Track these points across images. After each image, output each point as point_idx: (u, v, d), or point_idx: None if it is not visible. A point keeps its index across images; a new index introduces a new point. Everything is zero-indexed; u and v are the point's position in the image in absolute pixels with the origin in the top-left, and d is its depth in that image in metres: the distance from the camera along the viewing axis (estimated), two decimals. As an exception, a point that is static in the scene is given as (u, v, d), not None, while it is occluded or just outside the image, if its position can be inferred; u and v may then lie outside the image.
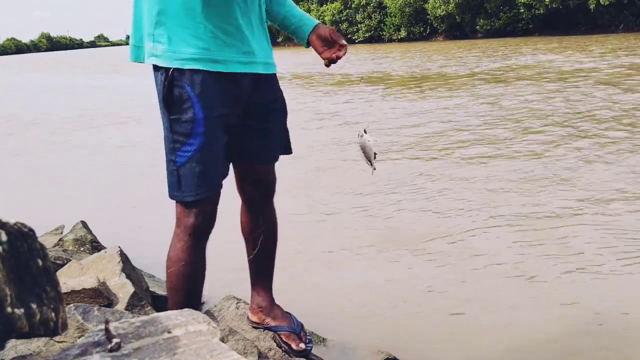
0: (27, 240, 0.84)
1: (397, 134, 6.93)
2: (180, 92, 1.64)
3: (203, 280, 1.84)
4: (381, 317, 2.62)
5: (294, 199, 4.34)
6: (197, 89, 1.64)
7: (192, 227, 1.72)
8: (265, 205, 2.01)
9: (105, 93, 15.24)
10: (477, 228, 3.62)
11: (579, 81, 10.76)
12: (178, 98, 1.64)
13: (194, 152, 1.65)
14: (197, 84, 1.64)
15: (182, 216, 1.73)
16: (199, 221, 1.72)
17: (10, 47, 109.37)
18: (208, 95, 1.65)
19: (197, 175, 1.66)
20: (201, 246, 1.78)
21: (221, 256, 3.02)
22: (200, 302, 1.90)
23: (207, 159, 1.67)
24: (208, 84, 1.65)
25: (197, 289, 1.83)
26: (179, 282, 1.77)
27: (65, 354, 0.91)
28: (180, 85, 1.64)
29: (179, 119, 1.65)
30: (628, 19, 31.03)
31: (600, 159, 5.16)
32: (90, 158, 6.87)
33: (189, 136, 1.64)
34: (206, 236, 1.78)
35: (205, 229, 1.75)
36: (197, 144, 1.65)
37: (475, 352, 2.31)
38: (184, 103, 1.64)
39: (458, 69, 15.21)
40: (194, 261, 1.76)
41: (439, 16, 37.57)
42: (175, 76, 1.64)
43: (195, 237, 1.74)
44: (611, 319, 2.49)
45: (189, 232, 1.73)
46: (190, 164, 1.66)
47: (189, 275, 1.77)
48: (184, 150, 1.66)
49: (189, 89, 1.63)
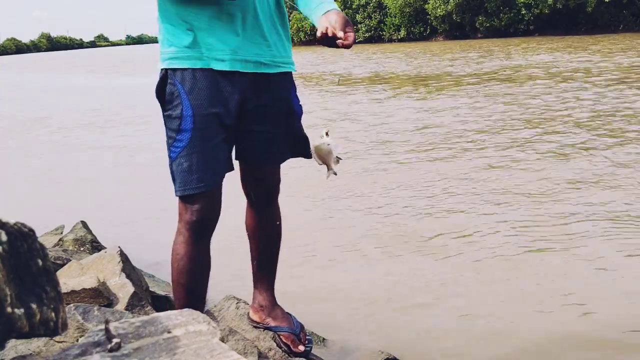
0: (27, 240, 0.84)
1: (406, 134, 6.93)
2: (171, 89, 1.70)
3: (205, 276, 1.85)
4: (381, 317, 2.62)
5: (296, 199, 4.35)
6: (187, 86, 1.69)
7: (190, 222, 1.74)
8: (268, 205, 2.01)
9: (105, 93, 15.24)
10: (480, 228, 3.62)
11: (597, 80, 10.58)
12: (170, 95, 1.71)
13: (183, 148, 1.69)
14: (187, 81, 1.69)
15: (182, 211, 1.76)
16: (196, 216, 1.73)
17: (10, 47, 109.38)
18: (199, 92, 1.69)
19: (185, 171, 1.70)
20: (202, 242, 1.79)
21: (221, 256, 3.02)
22: (204, 298, 1.88)
23: (195, 155, 1.69)
24: (199, 81, 1.69)
25: (198, 285, 1.83)
26: (179, 276, 1.79)
27: (65, 354, 0.91)
28: (172, 82, 1.70)
29: (170, 115, 1.71)
30: (628, 19, 31.04)
31: (618, 163, 5.15)
32: (90, 158, 6.87)
33: (178, 132, 1.69)
34: (206, 232, 1.79)
35: (204, 224, 1.76)
36: (186, 140, 1.69)
37: (475, 352, 2.31)
38: (174, 100, 1.69)
39: (468, 69, 15.15)
40: (194, 256, 1.77)
41: (439, 16, 37.56)
42: (169, 74, 1.71)
43: (194, 232, 1.75)
44: (621, 323, 2.48)
45: (187, 227, 1.75)
46: (179, 160, 1.70)
47: (189, 269, 1.78)
48: (175, 146, 1.71)
49: (180, 86, 1.69)
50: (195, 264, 1.79)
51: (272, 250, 2.08)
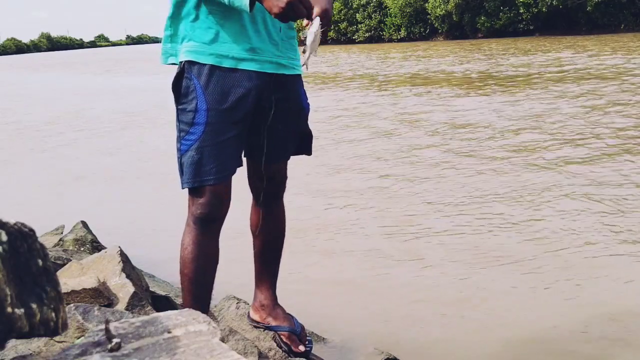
0: (27, 240, 0.84)
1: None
2: (187, 83, 1.72)
3: (212, 269, 1.86)
4: (382, 317, 2.62)
5: (299, 196, 4.34)
6: (203, 80, 1.71)
7: (197, 215, 1.77)
8: (274, 203, 2.03)
9: (106, 93, 15.23)
10: (482, 229, 3.62)
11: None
12: (185, 89, 1.72)
13: (194, 141, 1.72)
14: (204, 76, 1.71)
15: (190, 203, 1.79)
16: (203, 209, 1.76)
17: (10, 47, 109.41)
18: (214, 88, 1.71)
19: (195, 164, 1.72)
20: (209, 234, 1.81)
21: (222, 255, 3.02)
22: (208, 293, 1.88)
23: (207, 149, 1.72)
24: (215, 77, 1.71)
25: (204, 278, 1.85)
26: (185, 267, 1.81)
27: (65, 354, 0.91)
28: (188, 77, 1.72)
29: (185, 109, 1.73)
30: (628, 19, 31.01)
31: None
32: (91, 158, 6.88)
33: (191, 125, 1.71)
34: (213, 225, 1.81)
35: (211, 217, 1.78)
36: (199, 133, 1.71)
37: (476, 352, 2.31)
38: (190, 94, 1.71)
39: (506, 69, 15.07)
40: (200, 248, 1.80)
41: (439, 16, 37.54)
42: (186, 68, 1.72)
43: (201, 225, 1.78)
44: (624, 318, 2.48)
45: (194, 220, 1.78)
46: (190, 152, 1.73)
47: (194, 261, 1.80)
48: (187, 139, 1.73)
49: (196, 80, 1.71)
50: (202, 256, 1.81)
51: (276, 249, 2.10)
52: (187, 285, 1.83)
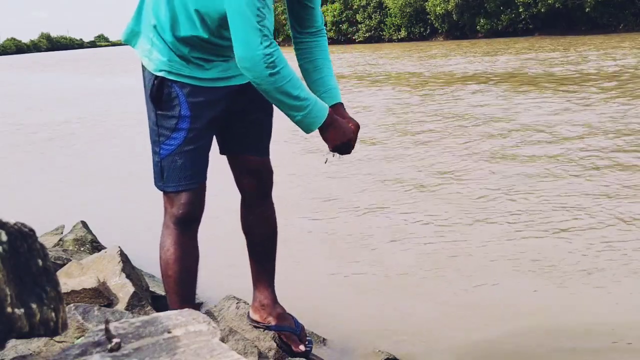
0: (27, 240, 0.84)
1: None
2: (169, 91, 1.73)
3: (195, 268, 1.89)
4: (381, 317, 2.62)
5: (295, 196, 4.35)
6: (186, 89, 1.73)
7: (177, 217, 1.80)
8: (264, 199, 2.04)
9: (106, 93, 15.24)
10: (485, 229, 3.62)
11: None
12: (167, 96, 1.74)
13: (177, 145, 1.75)
14: (186, 87, 1.74)
15: (168, 206, 1.83)
16: (182, 211, 1.79)
17: (10, 47, 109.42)
18: (196, 96, 1.74)
19: (178, 168, 1.76)
20: (189, 234, 1.84)
21: (221, 256, 3.02)
22: (193, 292, 1.92)
23: (189, 153, 1.76)
24: (197, 89, 1.75)
25: (189, 277, 1.87)
26: (169, 269, 1.84)
27: (65, 354, 0.91)
28: (169, 85, 1.73)
29: (166, 115, 1.74)
30: (628, 19, 31.00)
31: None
32: (91, 158, 6.87)
33: (174, 131, 1.74)
34: (192, 225, 1.85)
35: (190, 218, 1.82)
36: (181, 138, 1.74)
37: (476, 352, 2.31)
38: (172, 101, 1.73)
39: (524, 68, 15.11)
40: (181, 249, 1.83)
41: (439, 16, 37.53)
42: (166, 81, 1.73)
43: (181, 226, 1.82)
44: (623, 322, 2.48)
45: (174, 221, 1.81)
46: (172, 157, 1.76)
47: (178, 261, 1.82)
48: (168, 144, 1.75)
49: (178, 89, 1.73)
50: (184, 256, 1.84)
51: (269, 246, 2.10)
52: (173, 286, 1.85)
